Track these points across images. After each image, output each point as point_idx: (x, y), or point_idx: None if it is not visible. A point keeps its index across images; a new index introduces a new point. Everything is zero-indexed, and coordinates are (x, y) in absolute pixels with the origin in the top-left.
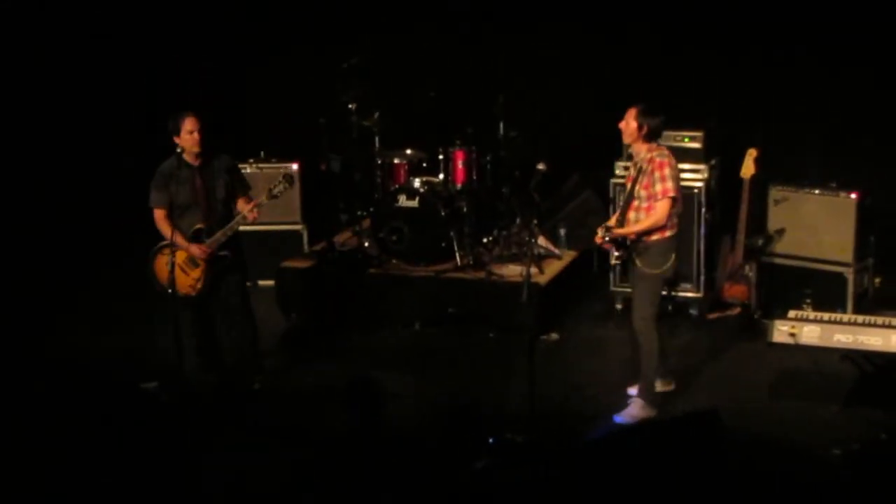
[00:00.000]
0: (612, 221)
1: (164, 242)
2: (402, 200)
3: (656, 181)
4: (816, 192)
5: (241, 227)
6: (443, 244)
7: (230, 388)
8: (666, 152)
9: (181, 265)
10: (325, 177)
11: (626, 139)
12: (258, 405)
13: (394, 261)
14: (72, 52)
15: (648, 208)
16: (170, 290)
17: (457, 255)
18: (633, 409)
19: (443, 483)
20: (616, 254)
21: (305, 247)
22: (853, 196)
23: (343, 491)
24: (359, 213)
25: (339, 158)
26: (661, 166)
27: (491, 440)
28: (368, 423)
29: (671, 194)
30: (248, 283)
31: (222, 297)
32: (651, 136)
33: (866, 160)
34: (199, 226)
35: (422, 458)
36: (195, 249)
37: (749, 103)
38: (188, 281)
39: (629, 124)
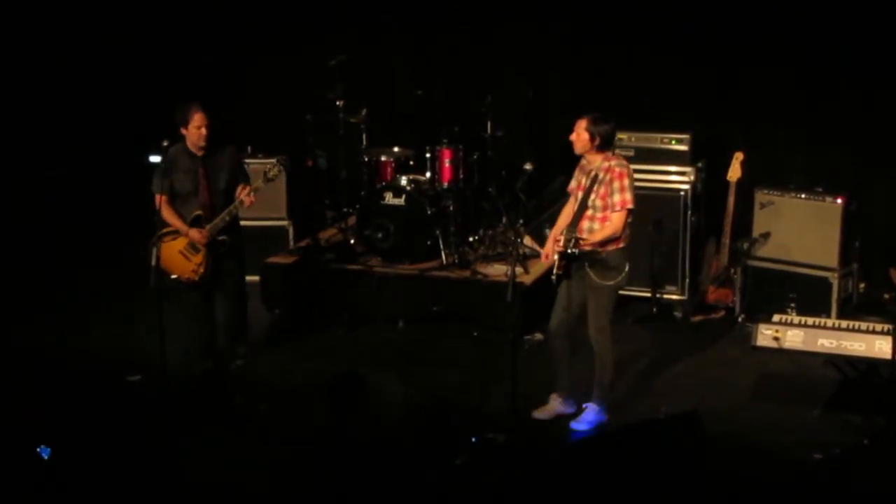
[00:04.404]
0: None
1: (165, 230)
2: (389, 198)
3: (615, 192)
4: (802, 196)
5: None
6: (428, 242)
7: (217, 378)
8: (624, 162)
9: (183, 251)
10: (312, 173)
11: (579, 150)
12: (241, 400)
13: (379, 258)
14: (64, 47)
15: (603, 219)
16: (172, 277)
17: (442, 253)
18: (591, 415)
19: (423, 481)
20: (559, 264)
21: (291, 243)
22: (839, 201)
23: (322, 487)
24: (344, 210)
25: (325, 155)
26: (620, 176)
27: (473, 439)
28: (349, 420)
29: (629, 206)
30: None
31: (220, 279)
32: (604, 145)
33: (852, 165)
34: (198, 212)
35: (402, 456)
36: (195, 234)
37: (736, 107)
38: (190, 266)
39: (581, 136)
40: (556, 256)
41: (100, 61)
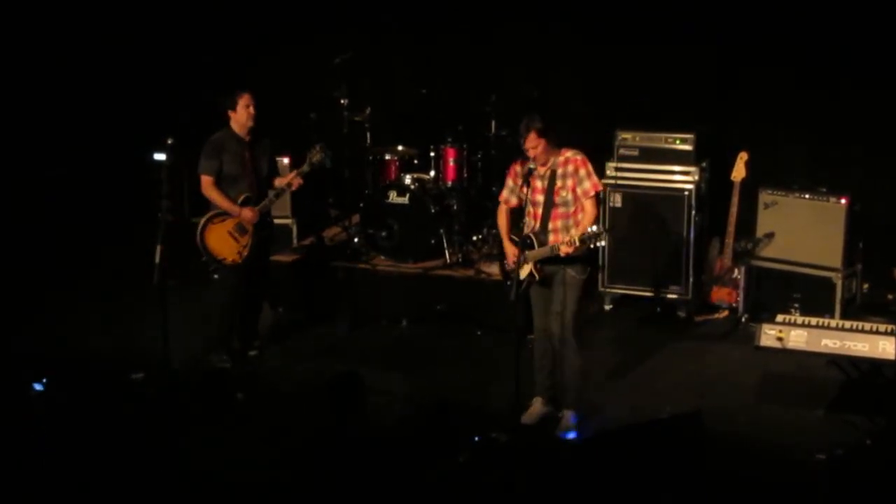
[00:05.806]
0: (502, 231)
1: (215, 211)
2: (393, 197)
3: (583, 179)
4: (806, 196)
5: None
6: (432, 241)
7: (218, 377)
8: (577, 150)
9: (231, 232)
10: (315, 172)
11: (540, 159)
12: (242, 398)
13: (382, 257)
14: (64, 47)
15: (576, 211)
16: (218, 259)
17: (446, 252)
18: (573, 421)
19: (424, 479)
20: (536, 268)
21: (294, 241)
22: (843, 201)
23: (322, 487)
24: (348, 208)
25: (329, 154)
26: (584, 163)
27: (475, 438)
28: (350, 419)
29: (599, 188)
30: None
31: (257, 264)
32: (557, 143)
33: (856, 165)
34: (247, 194)
35: (403, 454)
36: (247, 213)
37: (741, 106)
38: (237, 247)
39: (539, 144)
40: (530, 262)
41: (100, 61)
